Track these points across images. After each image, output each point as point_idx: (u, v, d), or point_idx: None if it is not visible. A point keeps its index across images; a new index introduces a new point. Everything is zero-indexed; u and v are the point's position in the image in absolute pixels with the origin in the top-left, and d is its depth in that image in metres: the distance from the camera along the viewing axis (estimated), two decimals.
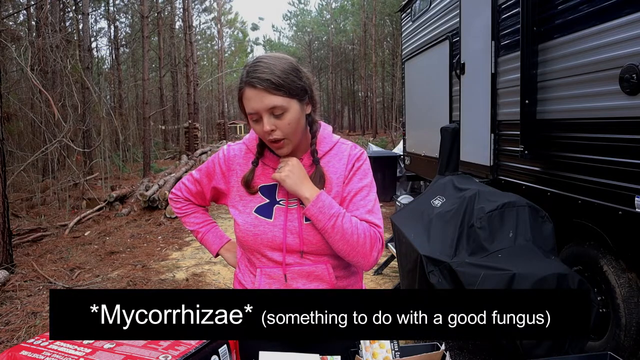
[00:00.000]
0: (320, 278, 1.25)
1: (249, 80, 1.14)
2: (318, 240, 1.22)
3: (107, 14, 23.08)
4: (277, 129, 1.15)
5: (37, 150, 8.18)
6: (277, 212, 1.24)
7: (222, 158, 1.33)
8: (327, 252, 1.25)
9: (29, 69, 7.10)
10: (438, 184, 2.94)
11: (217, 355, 1.05)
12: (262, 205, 1.25)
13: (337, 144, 1.30)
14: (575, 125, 2.62)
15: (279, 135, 1.16)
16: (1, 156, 4.59)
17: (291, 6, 53.56)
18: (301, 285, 1.24)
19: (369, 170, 1.30)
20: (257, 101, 1.13)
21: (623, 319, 2.34)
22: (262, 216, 1.24)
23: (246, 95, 1.15)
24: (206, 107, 35.18)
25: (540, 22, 2.88)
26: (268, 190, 1.26)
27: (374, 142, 18.73)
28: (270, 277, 1.25)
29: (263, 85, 1.12)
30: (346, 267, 1.31)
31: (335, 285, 1.27)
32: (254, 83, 1.12)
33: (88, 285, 4.38)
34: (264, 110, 1.14)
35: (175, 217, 7.57)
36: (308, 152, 1.27)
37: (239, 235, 1.27)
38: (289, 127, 1.16)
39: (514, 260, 2.01)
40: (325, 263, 1.25)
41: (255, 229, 1.23)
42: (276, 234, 1.23)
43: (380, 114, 35.62)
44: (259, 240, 1.24)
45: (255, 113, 1.15)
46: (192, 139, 17.27)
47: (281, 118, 1.15)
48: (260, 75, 1.12)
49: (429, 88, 5.43)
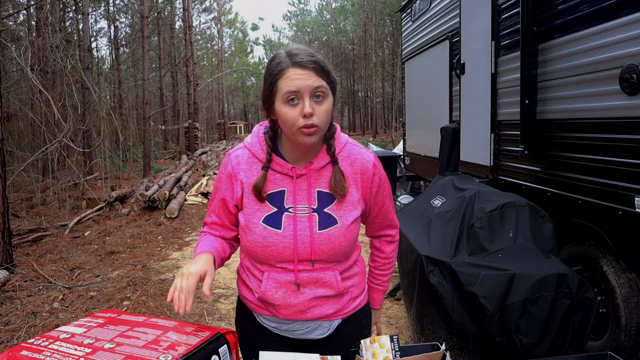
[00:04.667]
0: (327, 285, 1.25)
1: (296, 61, 1.10)
2: (330, 249, 1.21)
3: (107, 14, 23.09)
4: (315, 114, 1.11)
5: (37, 150, 8.17)
6: (285, 221, 1.20)
7: (229, 169, 1.26)
8: (337, 259, 1.25)
9: (29, 69, 7.09)
10: (438, 184, 2.94)
11: (217, 355, 1.05)
12: (270, 214, 1.21)
13: (346, 145, 1.27)
14: (575, 125, 2.62)
15: (316, 121, 1.11)
16: (1, 156, 4.59)
17: (291, 6, 53.52)
18: (308, 291, 1.24)
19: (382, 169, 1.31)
20: (304, 80, 1.09)
21: (623, 319, 2.34)
22: (270, 227, 1.20)
23: (289, 75, 1.10)
24: (206, 107, 35.16)
25: (540, 22, 2.88)
26: (276, 197, 1.22)
27: (374, 142, 18.75)
28: (277, 282, 1.24)
29: (312, 66, 1.10)
30: (351, 267, 1.32)
31: (341, 288, 1.27)
32: (303, 64, 1.10)
33: (88, 285, 4.38)
34: (309, 90, 1.10)
35: (175, 217, 7.58)
36: (316, 157, 1.22)
37: (248, 246, 1.24)
38: (325, 115, 1.13)
39: (514, 260, 2.01)
40: (334, 270, 1.25)
41: (264, 240, 1.20)
42: (287, 245, 1.20)
43: (380, 114, 35.62)
44: (268, 252, 1.21)
45: (296, 91, 1.10)
46: (192, 139, 17.28)
47: (321, 104, 1.12)
48: (309, 58, 1.11)
49: (429, 88, 5.43)
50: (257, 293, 1.28)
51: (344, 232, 1.22)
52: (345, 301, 1.31)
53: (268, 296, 1.25)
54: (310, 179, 1.22)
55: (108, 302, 3.96)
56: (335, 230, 1.21)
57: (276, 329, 1.32)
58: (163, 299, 4.07)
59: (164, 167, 14.16)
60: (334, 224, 1.21)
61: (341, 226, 1.21)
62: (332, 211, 1.22)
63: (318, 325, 1.30)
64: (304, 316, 1.27)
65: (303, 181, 1.22)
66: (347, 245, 1.24)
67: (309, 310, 1.26)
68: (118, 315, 1.20)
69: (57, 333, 1.09)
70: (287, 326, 1.31)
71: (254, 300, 1.31)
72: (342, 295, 1.29)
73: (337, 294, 1.27)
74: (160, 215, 7.70)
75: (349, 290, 1.31)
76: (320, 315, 1.28)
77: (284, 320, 1.29)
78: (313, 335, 1.31)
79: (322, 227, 1.20)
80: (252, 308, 1.34)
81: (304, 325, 1.29)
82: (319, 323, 1.30)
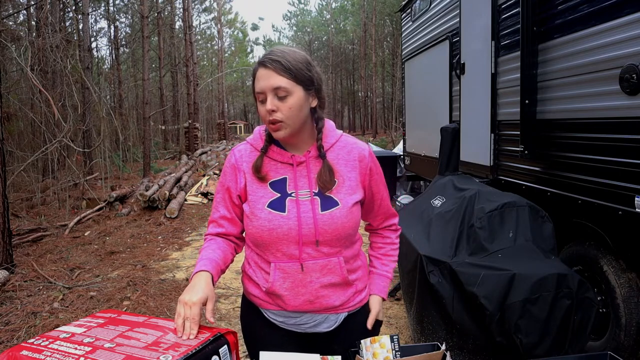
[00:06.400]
0: (333, 271, 1.28)
1: (261, 60, 1.22)
2: (333, 230, 1.25)
3: (107, 14, 23.10)
4: (278, 110, 1.20)
5: (37, 150, 8.17)
6: (289, 204, 1.26)
7: (232, 161, 1.33)
8: (341, 242, 1.28)
9: (29, 69, 7.09)
10: (438, 184, 2.94)
11: (217, 356, 1.04)
12: (274, 199, 1.27)
13: (341, 137, 1.35)
14: (575, 125, 2.62)
15: (279, 116, 1.20)
16: (1, 156, 4.59)
17: (291, 6, 53.55)
18: (315, 279, 1.27)
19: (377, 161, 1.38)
20: (265, 80, 1.19)
21: (623, 319, 2.34)
22: (275, 210, 1.25)
23: (257, 75, 1.22)
24: (206, 107, 35.16)
25: (540, 22, 2.88)
26: (278, 185, 1.28)
27: (374, 142, 18.76)
28: (284, 272, 1.27)
29: (273, 66, 1.18)
30: (354, 259, 1.35)
31: (347, 279, 1.30)
32: (265, 62, 1.20)
33: (88, 285, 4.38)
34: (269, 89, 1.19)
35: (175, 217, 7.58)
36: (314, 145, 1.30)
37: (253, 231, 1.27)
38: (289, 111, 1.20)
39: (514, 260, 2.01)
40: (338, 256, 1.28)
41: (270, 223, 1.24)
42: (291, 227, 1.24)
43: (380, 114, 35.63)
44: (274, 235, 1.24)
45: (261, 92, 1.20)
46: (192, 139, 17.28)
47: (284, 100, 1.20)
48: (272, 57, 1.20)
49: (429, 88, 5.43)
50: (264, 286, 1.30)
51: (346, 213, 1.26)
52: (350, 294, 1.34)
53: (276, 287, 1.27)
54: (309, 166, 1.28)
55: (108, 302, 3.96)
56: (337, 211, 1.26)
57: (283, 324, 1.34)
58: (163, 299, 4.07)
59: (164, 167, 14.17)
60: (336, 205, 1.26)
61: (342, 207, 1.26)
62: (333, 194, 1.28)
63: (325, 318, 1.32)
64: (312, 306, 1.29)
65: (303, 168, 1.28)
66: (349, 227, 1.28)
67: (317, 300, 1.28)
68: (118, 316, 1.20)
69: (57, 333, 1.09)
70: (295, 320, 1.32)
71: (260, 295, 1.33)
72: (347, 286, 1.32)
73: (342, 281, 1.30)
74: (160, 215, 7.69)
75: (354, 283, 1.34)
76: (328, 306, 1.30)
77: (292, 312, 1.31)
78: (320, 329, 1.33)
79: (324, 208, 1.25)
80: (258, 303, 1.35)
81: (312, 318, 1.31)
82: (326, 316, 1.32)
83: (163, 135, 23.76)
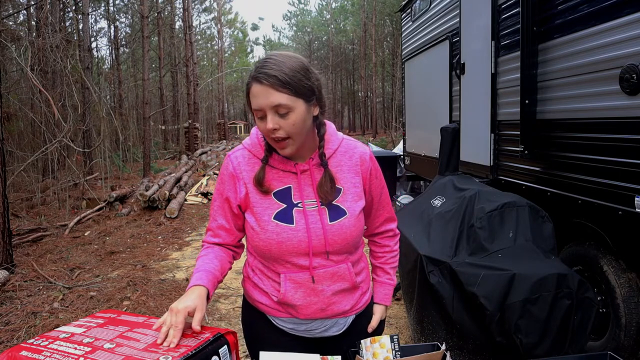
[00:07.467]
0: (343, 278, 1.28)
1: (256, 76, 1.11)
2: (343, 239, 1.24)
3: (107, 14, 23.09)
4: (281, 128, 1.13)
5: (37, 150, 8.17)
6: (297, 215, 1.22)
7: (230, 169, 1.27)
8: (349, 250, 1.28)
9: (29, 69, 7.09)
10: (438, 184, 2.94)
11: (217, 356, 1.04)
12: (280, 211, 1.22)
13: (342, 142, 1.31)
14: (575, 125, 2.62)
15: (282, 134, 1.14)
16: (1, 156, 4.59)
17: (291, 6, 53.55)
18: (326, 287, 1.26)
19: (377, 163, 1.37)
20: (263, 98, 1.11)
21: (623, 319, 2.34)
22: (282, 222, 1.21)
23: (252, 91, 1.13)
24: (206, 107, 35.15)
25: (540, 22, 2.88)
26: (282, 194, 1.23)
27: (374, 142, 18.75)
28: (295, 282, 1.25)
29: (269, 82, 1.09)
30: (359, 261, 1.35)
31: (355, 283, 1.30)
32: (260, 79, 1.10)
33: (88, 285, 4.38)
34: (269, 107, 1.11)
35: (175, 217, 7.58)
36: (316, 152, 1.25)
37: (260, 244, 1.23)
38: (293, 128, 1.14)
39: (514, 260, 2.01)
40: (347, 262, 1.28)
41: (278, 236, 1.21)
42: (301, 239, 1.21)
43: (380, 114, 35.61)
44: (283, 248, 1.21)
45: (260, 110, 1.13)
46: (192, 139, 17.28)
47: (286, 117, 1.12)
48: (267, 71, 1.10)
49: (429, 88, 5.43)
50: (275, 297, 1.28)
51: (354, 222, 1.25)
52: (358, 296, 1.34)
53: (288, 298, 1.25)
54: (313, 174, 1.25)
55: (108, 302, 3.96)
56: (345, 220, 1.23)
57: (293, 330, 1.32)
58: (163, 299, 4.07)
59: (164, 167, 14.17)
60: (344, 214, 1.24)
61: (350, 216, 1.24)
62: (340, 203, 1.25)
63: (334, 322, 1.32)
64: (324, 314, 1.28)
65: (307, 176, 1.24)
66: (357, 235, 1.27)
67: (329, 307, 1.28)
68: (118, 316, 1.20)
69: (57, 333, 1.09)
70: (306, 326, 1.31)
71: (270, 304, 1.30)
72: (355, 289, 1.33)
73: (352, 286, 1.30)
74: (160, 215, 7.69)
75: (360, 285, 1.34)
76: (338, 312, 1.30)
77: (304, 320, 1.30)
78: (329, 333, 1.33)
79: (332, 218, 1.23)
80: (267, 311, 1.33)
81: (322, 323, 1.31)
82: (336, 320, 1.32)
83: (163, 135, 23.76)
